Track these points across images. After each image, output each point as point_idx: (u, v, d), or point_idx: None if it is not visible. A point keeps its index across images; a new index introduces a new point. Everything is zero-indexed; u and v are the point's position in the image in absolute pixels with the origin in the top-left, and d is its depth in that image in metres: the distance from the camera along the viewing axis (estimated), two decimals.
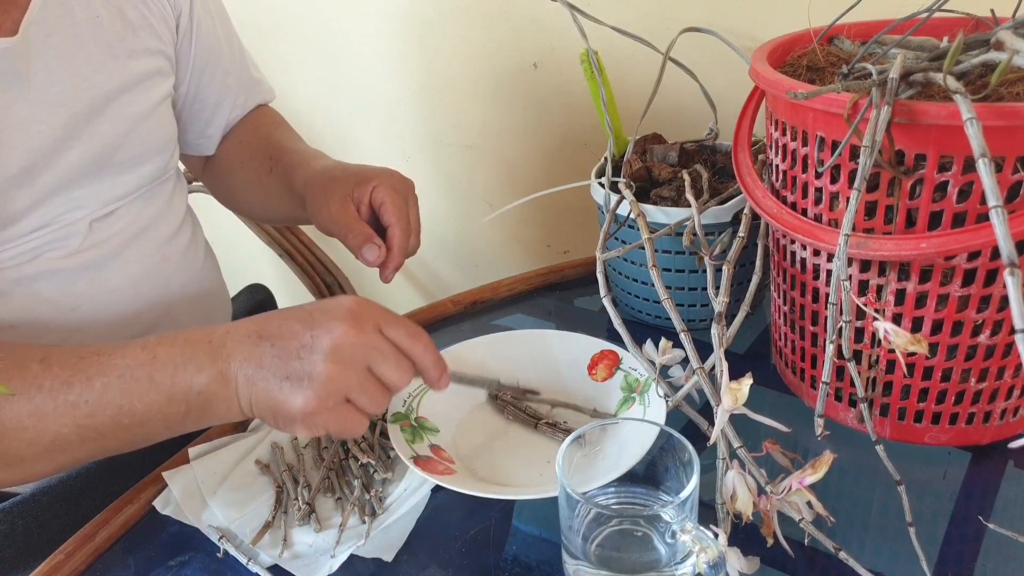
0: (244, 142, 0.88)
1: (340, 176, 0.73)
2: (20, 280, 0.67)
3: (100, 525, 0.61)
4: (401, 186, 0.73)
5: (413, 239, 0.73)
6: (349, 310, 0.54)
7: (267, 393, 0.53)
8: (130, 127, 0.73)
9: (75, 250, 0.70)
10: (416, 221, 0.73)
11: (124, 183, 0.74)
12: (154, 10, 0.75)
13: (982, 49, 0.52)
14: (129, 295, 0.74)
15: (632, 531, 0.52)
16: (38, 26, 0.65)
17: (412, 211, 0.73)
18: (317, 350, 0.52)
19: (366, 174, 0.72)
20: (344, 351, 0.52)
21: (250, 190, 0.88)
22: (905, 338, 0.48)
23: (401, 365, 0.55)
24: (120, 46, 0.71)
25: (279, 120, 0.92)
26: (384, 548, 0.58)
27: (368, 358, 0.53)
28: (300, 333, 0.53)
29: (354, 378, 0.53)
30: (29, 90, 0.65)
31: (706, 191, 0.74)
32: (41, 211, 0.67)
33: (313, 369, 0.52)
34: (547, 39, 1.05)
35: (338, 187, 0.72)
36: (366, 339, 0.53)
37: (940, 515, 0.58)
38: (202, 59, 0.82)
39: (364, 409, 0.54)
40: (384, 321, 0.55)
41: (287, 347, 0.53)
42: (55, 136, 0.67)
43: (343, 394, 0.53)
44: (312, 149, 0.85)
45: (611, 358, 0.70)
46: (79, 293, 0.71)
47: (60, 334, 0.70)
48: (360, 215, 0.71)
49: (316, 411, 0.52)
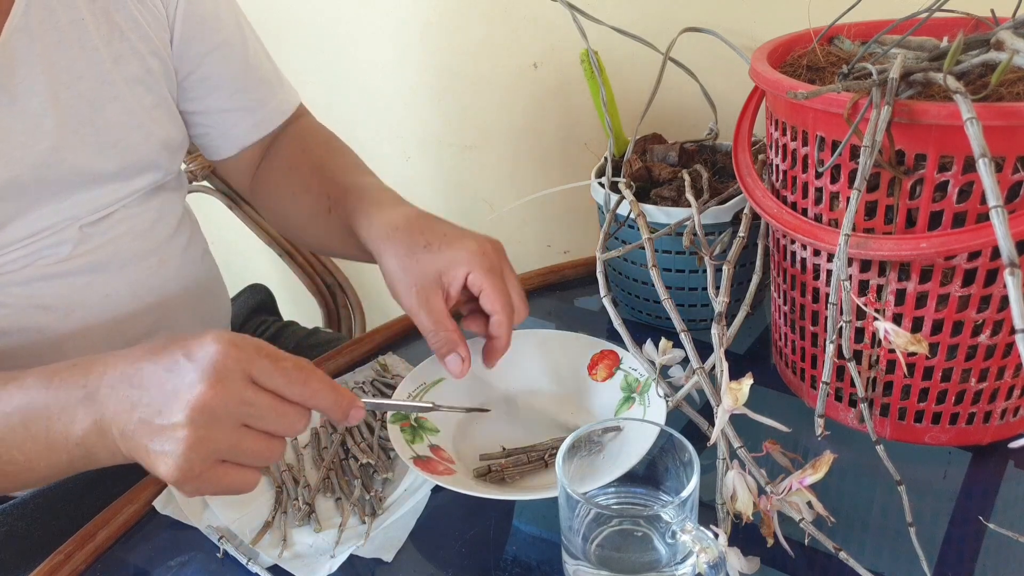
0: (295, 168, 0.82)
1: (423, 253, 0.64)
2: (11, 287, 0.66)
3: (100, 525, 0.61)
4: (496, 263, 0.65)
5: (521, 312, 0.66)
6: (212, 362, 0.48)
7: (138, 453, 0.49)
8: (121, 136, 0.70)
9: (67, 256, 0.69)
10: (518, 290, 0.66)
11: (116, 190, 0.72)
12: (144, 9, 0.72)
13: (982, 49, 0.52)
14: (126, 299, 0.73)
15: (632, 531, 0.52)
16: (20, 33, 0.63)
17: (511, 282, 0.66)
18: (177, 411, 0.48)
19: (455, 256, 0.63)
20: (204, 414, 0.47)
21: (308, 227, 0.82)
22: (905, 338, 0.48)
23: (284, 416, 0.50)
24: (107, 50, 0.68)
25: (329, 140, 0.85)
26: (384, 548, 0.58)
27: (238, 416, 0.49)
28: (164, 384, 0.49)
29: (223, 440, 0.48)
30: (13, 100, 0.63)
31: (706, 191, 0.74)
32: (29, 220, 0.66)
33: (175, 434, 0.47)
34: (547, 39, 1.05)
35: (422, 269, 0.64)
36: (230, 396, 0.48)
37: (940, 515, 0.58)
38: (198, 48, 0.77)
39: (248, 465, 0.50)
40: (256, 368, 0.49)
41: (153, 403, 0.49)
42: (42, 146, 0.65)
43: (213, 457, 0.48)
44: (374, 183, 0.77)
45: (611, 358, 0.70)
46: (74, 298, 0.70)
47: (56, 339, 0.69)
48: (449, 301, 0.65)
49: (184, 480, 0.48)
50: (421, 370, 0.70)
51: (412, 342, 0.83)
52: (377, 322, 0.86)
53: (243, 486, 0.51)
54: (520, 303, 0.66)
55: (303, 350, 0.95)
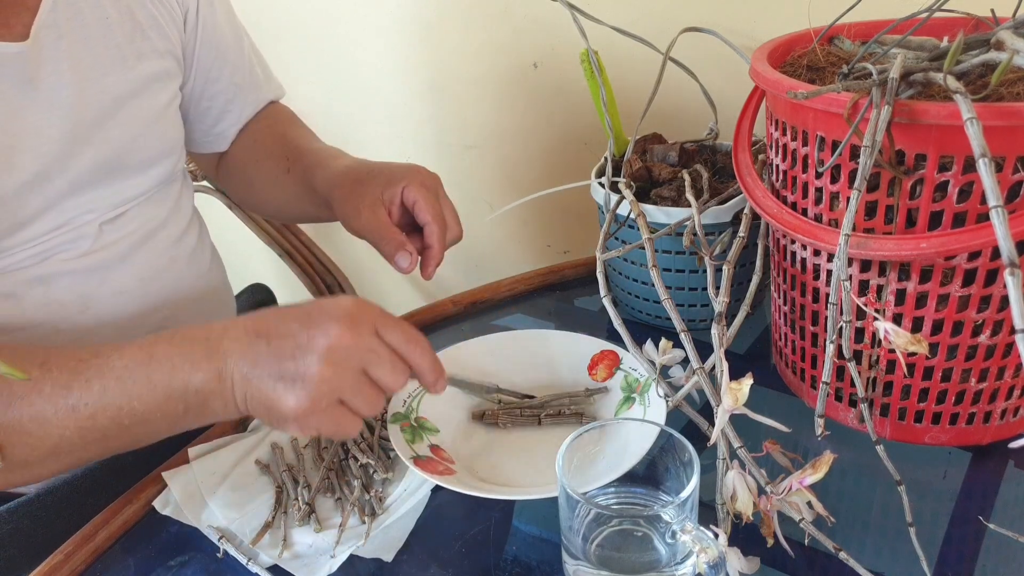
0: (258, 141, 0.87)
1: (366, 178, 0.72)
2: (31, 282, 0.67)
3: (100, 525, 0.61)
4: (430, 181, 0.72)
5: (454, 230, 0.72)
6: (346, 311, 0.54)
7: (261, 392, 0.53)
8: (140, 130, 0.72)
9: (86, 251, 0.70)
10: (452, 211, 0.73)
11: (134, 185, 0.73)
12: (162, 10, 0.75)
13: (982, 49, 0.52)
14: (138, 296, 0.74)
15: (632, 531, 0.52)
16: (48, 29, 0.65)
17: (444, 203, 0.73)
18: (312, 351, 0.52)
19: (393, 174, 0.72)
20: (339, 353, 0.52)
21: (268, 190, 0.87)
22: (905, 338, 0.48)
23: (396, 368, 0.55)
24: (129, 47, 0.71)
25: (292, 117, 0.91)
26: (384, 548, 0.58)
27: (363, 360, 0.53)
28: (296, 332, 0.53)
29: (348, 380, 0.53)
30: (39, 94, 0.64)
31: (706, 191, 0.74)
32: (52, 214, 0.67)
33: (307, 370, 0.52)
34: (547, 39, 1.05)
35: (366, 191, 0.71)
36: (361, 341, 0.53)
37: (940, 515, 0.58)
38: (209, 56, 0.81)
39: (358, 411, 0.54)
40: (381, 323, 0.55)
41: (283, 346, 0.53)
42: (66, 140, 0.66)
43: (336, 395, 0.53)
44: (329, 147, 0.84)
45: (611, 358, 0.70)
46: (89, 294, 0.71)
47: (71, 335, 0.70)
48: (392, 217, 0.71)
49: (309, 412, 0.52)
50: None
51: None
52: None
53: (351, 430, 0.54)
54: (453, 221, 0.72)
55: None
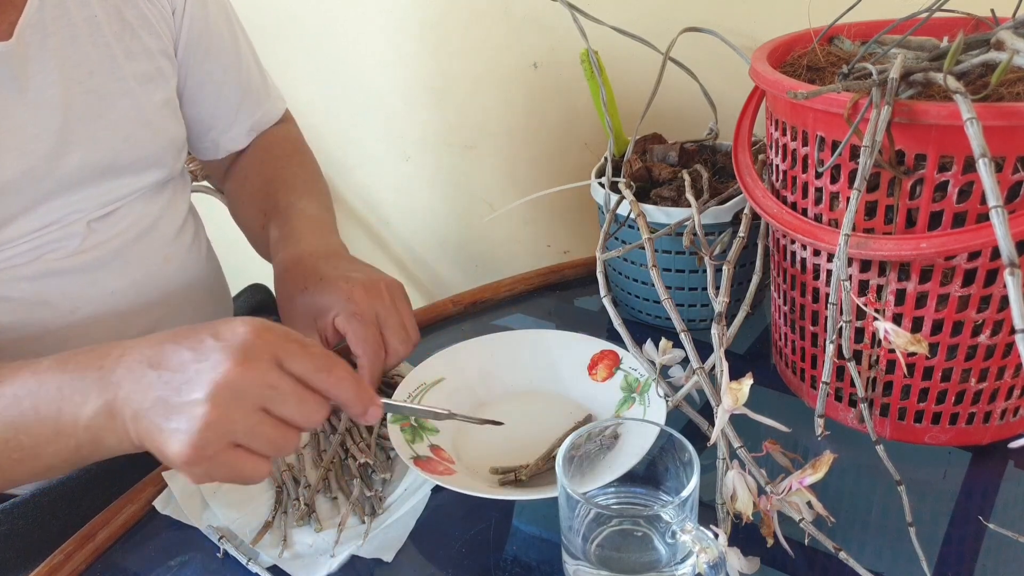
0: (248, 179, 0.85)
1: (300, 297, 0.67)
2: (18, 281, 0.67)
3: (100, 525, 0.61)
4: (364, 307, 0.65)
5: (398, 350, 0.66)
6: (241, 342, 0.48)
7: (149, 434, 0.48)
8: (132, 131, 0.72)
9: (74, 251, 0.69)
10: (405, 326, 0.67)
11: (125, 185, 0.73)
12: (153, 9, 0.74)
13: (982, 49, 0.52)
14: (130, 296, 0.74)
15: (632, 531, 0.52)
16: (34, 28, 0.64)
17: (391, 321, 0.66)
18: (198, 388, 0.46)
19: (324, 301, 0.65)
20: (227, 392, 0.46)
21: (251, 235, 0.86)
22: (905, 338, 0.48)
23: (305, 403, 0.49)
24: (118, 47, 0.70)
25: (290, 153, 0.87)
26: (384, 548, 0.58)
27: (260, 398, 0.47)
28: (187, 364, 0.48)
29: (240, 422, 0.47)
30: (25, 93, 0.64)
31: (706, 191, 0.74)
32: (39, 214, 0.67)
33: (192, 412, 0.46)
34: (547, 39, 1.05)
35: (300, 314, 0.67)
36: (256, 377, 0.47)
37: (940, 515, 0.58)
38: (195, 56, 0.79)
39: (260, 453, 0.49)
40: (284, 351, 0.48)
41: (172, 381, 0.48)
42: (53, 141, 0.66)
43: (227, 440, 0.47)
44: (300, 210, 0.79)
45: (611, 358, 0.70)
46: (79, 295, 0.70)
47: (60, 336, 0.69)
48: (327, 342, 0.66)
49: (194, 461, 0.47)
50: (421, 370, 0.70)
51: None
52: None
53: (253, 474, 0.49)
54: (398, 342, 0.66)
55: None
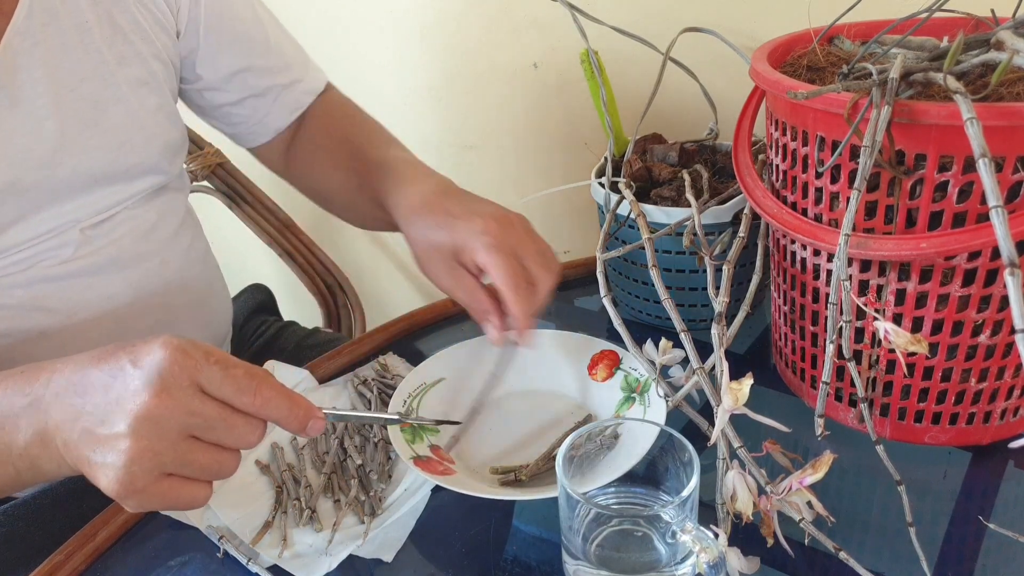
0: (321, 146, 0.83)
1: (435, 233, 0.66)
2: (14, 289, 0.66)
3: (100, 525, 0.61)
4: (501, 240, 0.63)
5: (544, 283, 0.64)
6: (159, 369, 0.46)
7: (80, 465, 0.47)
8: (125, 138, 0.70)
9: (69, 258, 0.69)
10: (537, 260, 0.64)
11: (118, 192, 0.72)
12: (146, 13, 0.72)
13: (982, 49, 0.52)
14: (128, 300, 0.73)
15: (632, 531, 0.52)
16: (22, 37, 0.63)
17: (530, 251, 0.64)
18: (119, 421, 0.45)
19: (460, 237, 0.64)
20: (147, 425, 0.45)
21: (344, 204, 0.83)
22: (905, 338, 0.48)
23: (234, 428, 0.47)
24: (110, 52, 0.69)
25: (352, 113, 0.86)
26: (384, 548, 0.58)
27: (184, 427, 0.46)
28: (108, 390, 0.46)
29: (168, 453, 0.46)
30: (16, 103, 0.63)
31: (706, 191, 0.74)
32: (32, 224, 0.66)
33: (116, 445, 0.45)
34: (547, 39, 1.05)
35: (440, 255, 0.66)
36: (175, 406, 0.45)
37: (940, 515, 0.58)
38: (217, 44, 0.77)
39: (196, 478, 0.48)
40: (205, 376, 0.46)
41: (96, 412, 0.46)
42: (44, 150, 0.65)
43: (157, 472, 0.46)
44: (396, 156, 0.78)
45: (611, 358, 0.70)
46: (76, 300, 0.69)
47: (58, 341, 0.69)
48: (477, 278, 0.65)
49: (127, 494, 0.46)
50: (421, 370, 0.70)
51: (412, 342, 0.83)
52: (377, 322, 0.86)
53: (192, 502, 0.48)
54: (541, 272, 0.64)
55: (303, 350, 0.95)
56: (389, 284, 1.45)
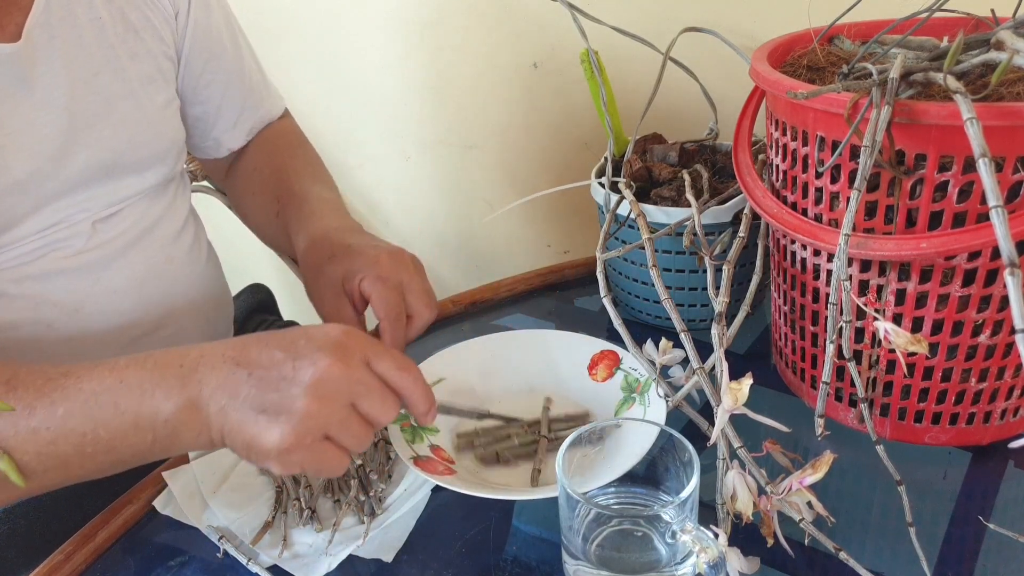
0: (257, 169, 0.86)
1: (327, 262, 0.69)
2: (24, 280, 0.67)
3: (100, 525, 0.61)
4: (390, 271, 0.66)
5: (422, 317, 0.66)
6: (336, 341, 0.51)
7: (241, 425, 0.50)
8: (135, 131, 0.72)
9: (79, 250, 0.70)
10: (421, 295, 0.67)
11: (128, 185, 0.73)
12: (156, 11, 0.74)
13: (982, 49, 0.52)
14: (133, 296, 0.74)
15: (632, 531, 0.52)
16: (41, 29, 0.65)
17: (414, 286, 0.66)
18: (298, 383, 0.49)
19: (352, 265, 0.67)
20: (327, 386, 0.49)
21: (263, 227, 0.86)
22: (905, 338, 0.48)
23: (387, 401, 0.52)
24: (122, 48, 0.71)
25: (295, 146, 0.89)
26: (384, 548, 0.58)
27: (352, 393, 0.51)
28: (281, 362, 0.50)
29: (336, 415, 0.50)
30: (33, 94, 0.64)
31: (706, 191, 0.74)
32: (45, 213, 0.67)
33: (293, 403, 0.49)
34: (547, 39, 1.05)
35: (327, 279, 0.68)
36: (352, 373, 0.50)
37: (940, 515, 0.58)
38: (200, 59, 0.81)
39: (345, 446, 0.51)
40: (372, 353, 0.52)
41: (266, 377, 0.50)
42: (59, 141, 0.66)
43: (323, 431, 0.50)
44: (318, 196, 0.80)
45: (611, 358, 0.70)
46: (83, 294, 0.70)
47: (63, 335, 0.70)
48: (356, 307, 0.68)
49: (292, 448, 0.49)
50: (421, 370, 0.70)
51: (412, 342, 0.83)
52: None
53: (336, 467, 0.51)
54: (422, 307, 0.66)
55: None
56: None
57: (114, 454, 0.52)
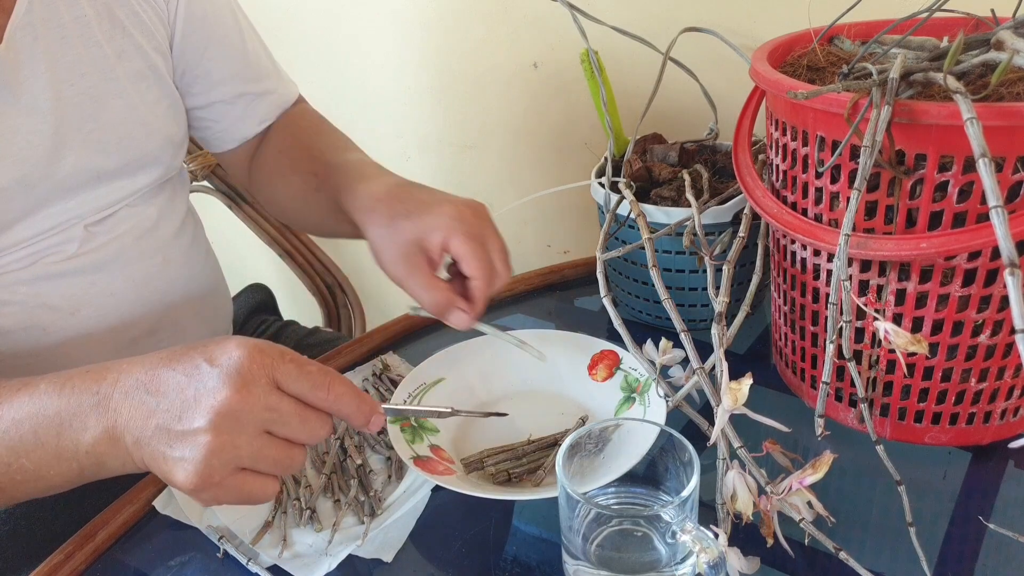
0: (284, 151, 0.83)
1: (403, 218, 0.65)
2: (18, 285, 0.66)
3: (100, 525, 0.61)
4: (475, 228, 0.63)
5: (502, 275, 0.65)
6: (237, 366, 0.48)
7: (154, 461, 0.48)
8: (125, 132, 0.71)
9: (73, 254, 0.69)
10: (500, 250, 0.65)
11: (121, 188, 0.72)
12: (146, 6, 0.72)
13: (982, 49, 0.52)
14: (130, 298, 0.73)
15: (632, 531, 0.52)
16: (24, 31, 0.63)
17: (495, 245, 0.65)
18: (199, 416, 0.47)
19: (434, 221, 0.63)
20: (228, 419, 0.47)
21: (301, 209, 0.83)
22: (905, 338, 0.48)
23: (307, 422, 0.49)
24: (110, 46, 0.69)
25: (319, 124, 0.86)
26: (384, 548, 0.58)
27: (261, 422, 0.48)
28: (184, 389, 0.48)
29: (245, 447, 0.47)
30: (18, 98, 0.63)
31: (706, 191, 0.74)
32: (37, 219, 0.66)
33: (196, 439, 0.46)
34: (547, 39, 1.05)
35: (403, 236, 0.64)
36: (255, 401, 0.47)
37: (940, 515, 0.58)
38: (197, 46, 0.78)
39: (268, 473, 0.49)
40: (281, 373, 0.49)
41: (171, 408, 0.48)
42: (47, 145, 0.65)
43: (233, 465, 0.48)
44: (360, 161, 0.78)
45: (611, 358, 0.70)
46: (79, 297, 0.70)
47: (61, 338, 0.69)
48: (433, 265, 0.64)
49: (202, 488, 0.47)
50: (421, 370, 0.70)
51: (412, 342, 0.83)
52: (377, 322, 0.86)
53: (261, 495, 0.50)
54: (502, 266, 0.65)
55: (303, 350, 0.94)
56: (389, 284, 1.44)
57: (45, 481, 0.52)
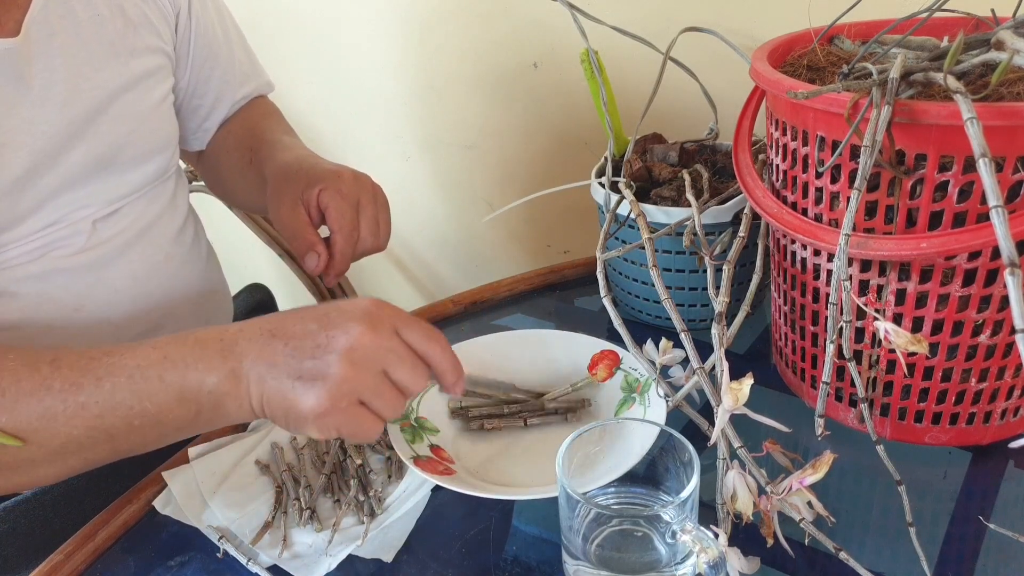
0: (231, 132, 0.88)
1: (293, 176, 0.72)
2: (26, 279, 0.67)
3: (100, 525, 0.61)
4: (350, 189, 0.70)
5: (367, 242, 0.70)
6: (366, 311, 0.54)
7: (279, 392, 0.52)
8: (133, 126, 0.72)
9: (80, 249, 0.70)
10: (373, 222, 0.71)
11: (127, 182, 0.73)
12: (153, 8, 0.75)
13: (982, 49, 0.52)
14: (133, 294, 0.74)
15: (632, 531, 0.52)
16: (40, 26, 0.65)
17: (368, 211, 0.70)
18: (332, 350, 0.51)
19: (316, 176, 0.70)
20: (359, 353, 0.52)
21: (235, 181, 0.88)
22: (905, 338, 0.48)
23: (416, 369, 0.54)
24: (121, 44, 0.71)
25: (269, 110, 0.91)
26: (384, 548, 0.58)
27: (383, 361, 0.53)
28: (315, 333, 0.53)
29: (369, 380, 0.52)
30: (31, 91, 0.64)
31: (706, 191, 0.74)
32: (46, 211, 0.67)
33: (327, 369, 0.51)
34: (547, 39, 1.05)
35: (289, 188, 0.71)
36: (382, 341, 0.53)
37: (940, 515, 0.58)
38: (201, 55, 0.82)
39: (378, 413, 0.53)
40: (401, 323, 0.54)
41: (301, 346, 0.52)
42: (59, 136, 0.66)
43: (356, 396, 0.52)
44: (290, 141, 0.83)
45: (611, 358, 0.70)
46: (84, 292, 0.70)
47: (64, 334, 0.70)
48: (312, 219, 0.70)
49: (328, 412, 0.51)
50: None
51: None
52: None
53: (371, 432, 0.53)
54: (368, 232, 0.70)
55: None
56: (389, 284, 1.45)
57: (160, 427, 0.54)
